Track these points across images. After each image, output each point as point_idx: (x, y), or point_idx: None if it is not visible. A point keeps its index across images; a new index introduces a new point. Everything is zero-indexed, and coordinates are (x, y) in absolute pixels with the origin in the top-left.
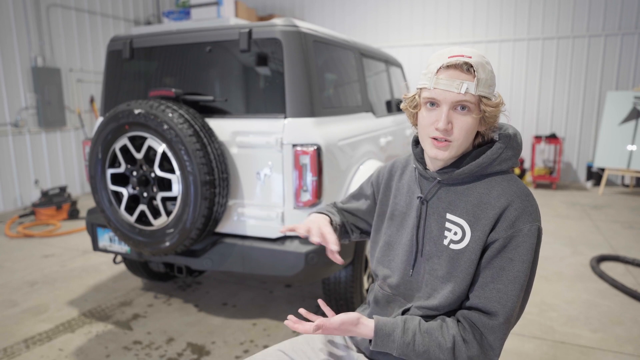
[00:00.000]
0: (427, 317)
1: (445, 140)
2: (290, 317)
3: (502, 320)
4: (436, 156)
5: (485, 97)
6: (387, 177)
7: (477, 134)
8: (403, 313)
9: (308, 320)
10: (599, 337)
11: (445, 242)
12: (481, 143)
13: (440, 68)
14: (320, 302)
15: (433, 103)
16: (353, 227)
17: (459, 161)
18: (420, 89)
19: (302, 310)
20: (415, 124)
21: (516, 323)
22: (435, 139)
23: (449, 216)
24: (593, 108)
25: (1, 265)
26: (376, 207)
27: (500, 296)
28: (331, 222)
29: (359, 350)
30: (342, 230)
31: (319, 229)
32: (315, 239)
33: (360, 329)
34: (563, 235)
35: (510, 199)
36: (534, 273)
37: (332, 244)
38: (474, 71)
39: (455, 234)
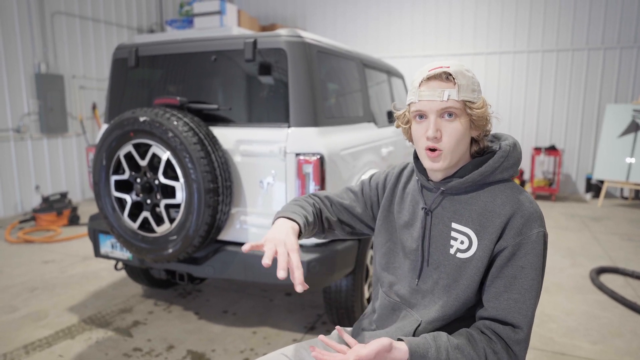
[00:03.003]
0: (440, 330)
1: (437, 150)
2: (314, 347)
3: (527, 332)
4: (432, 167)
5: (469, 101)
6: (393, 182)
7: (473, 142)
8: (416, 329)
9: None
10: (598, 348)
11: (452, 251)
12: (479, 152)
13: (421, 81)
14: (339, 329)
15: (421, 115)
16: (344, 225)
17: (460, 171)
18: (409, 104)
19: (322, 337)
20: (410, 140)
21: None
22: (429, 149)
23: (454, 225)
24: (592, 120)
25: (1, 271)
26: (379, 211)
27: (519, 307)
28: (299, 230)
29: None
30: (318, 227)
31: (286, 254)
32: (281, 273)
33: (394, 354)
34: (562, 247)
35: (516, 206)
36: (543, 277)
37: (299, 283)
38: (454, 78)
39: (462, 242)
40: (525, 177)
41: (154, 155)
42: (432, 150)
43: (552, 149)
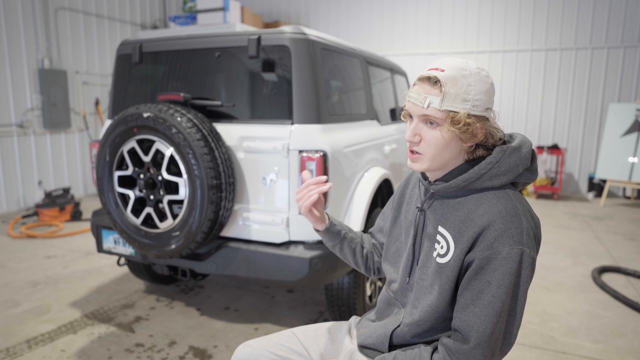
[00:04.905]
0: (415, 336)
1: (417, 153)
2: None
3: (473, 345)
4: (411, 167)
5: (454, 111)
6: (404, 185)
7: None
8: (393, 331)
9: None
10: (600, 348)
11: (434, 254)
12: (473, 158)
13: (416, 81)
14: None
15: (410, 115)
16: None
17: (447, 175)
18: None
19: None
20: None
21: (507, 350)
22: (410, 150)
23: (440, 228)
24: (595, 119)
25: (4, 265)
26: (391, 213)
27: (474, 320)
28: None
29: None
30: (361, 260)
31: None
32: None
33: None
34: (564, 246)
35: (492, 218)
36: (518, 298)
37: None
38: (441, 85)
39: (442, 247)
40: None
41: (158, 151)
42: (412, 152)
43: (554, 148)
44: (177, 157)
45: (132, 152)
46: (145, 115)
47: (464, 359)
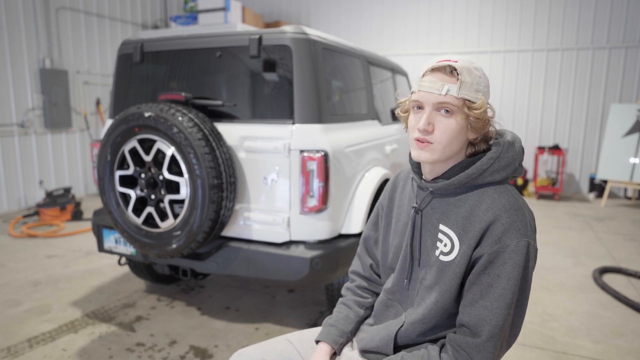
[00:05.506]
0: (421, 335)
1: (427, 142)
2: None
3: (485, 338)
4: (418, 157)
5: (469, 100)
6: (390, 189)
7: (470, 144)
8: (397, 332)
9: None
10: (600, 348)
11: (437, 253)
12: (475, 152)
13: (426, 72)
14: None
15: (419, 106)
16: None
17: (448, 172)
18: (411, 93)
19: None
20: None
21: (512, 342)
22: (418, 140)
23: (441, 227)
24: (596, 120)
25: (5, 265)
26: (384, 219)
27: (486, 313)
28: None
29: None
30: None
31: None
32: None
33: None
34: (565, 246)
35: (498, 213)
36: (525, 290)
37: None
38: (458, 74)
39: (445, 245)
40: (529, 177)
41: (159, 151)
42: (422, 142)
43: (555, 148)
44: (178, 157)
45: (133, 152)
46: (147, 114)
47: (475, 352)
